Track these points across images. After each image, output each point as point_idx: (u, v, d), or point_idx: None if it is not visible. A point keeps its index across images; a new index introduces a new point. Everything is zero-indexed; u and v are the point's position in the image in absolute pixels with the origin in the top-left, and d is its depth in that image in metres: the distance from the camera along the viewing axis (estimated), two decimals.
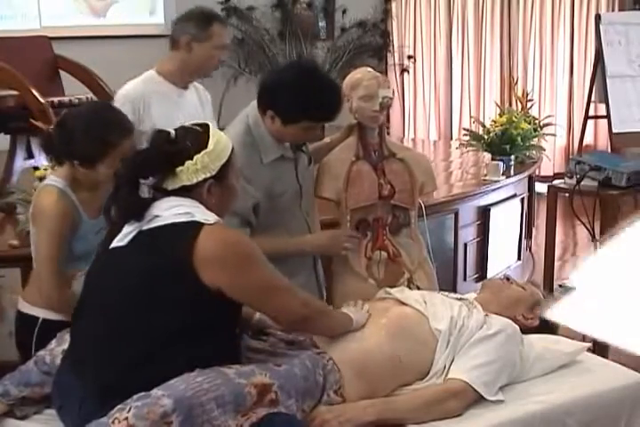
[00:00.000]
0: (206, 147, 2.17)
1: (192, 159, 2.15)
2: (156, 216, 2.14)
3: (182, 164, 2.15)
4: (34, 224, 2.63)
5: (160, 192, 2.18)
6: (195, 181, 2.17)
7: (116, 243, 2.20)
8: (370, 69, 3.00)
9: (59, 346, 2.39)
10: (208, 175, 2.17)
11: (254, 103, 2.79)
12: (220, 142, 2.21)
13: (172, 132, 2.21)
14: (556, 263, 4.70)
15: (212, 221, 2.12)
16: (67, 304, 2.48)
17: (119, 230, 2.20)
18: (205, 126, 2.23)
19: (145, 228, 2.15)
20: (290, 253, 2.82)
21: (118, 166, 2.30)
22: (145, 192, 2.16)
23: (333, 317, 2.43)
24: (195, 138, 2.19)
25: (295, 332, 2.44)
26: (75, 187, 2.61)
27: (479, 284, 3.26)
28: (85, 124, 2.57)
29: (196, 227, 2.09)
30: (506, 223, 5.27)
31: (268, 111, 2.71)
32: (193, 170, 2.16)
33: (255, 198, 2.72)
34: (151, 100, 3.34)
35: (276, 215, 2.80)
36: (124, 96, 3.38)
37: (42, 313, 2.62)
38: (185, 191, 2.17)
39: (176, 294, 2.08)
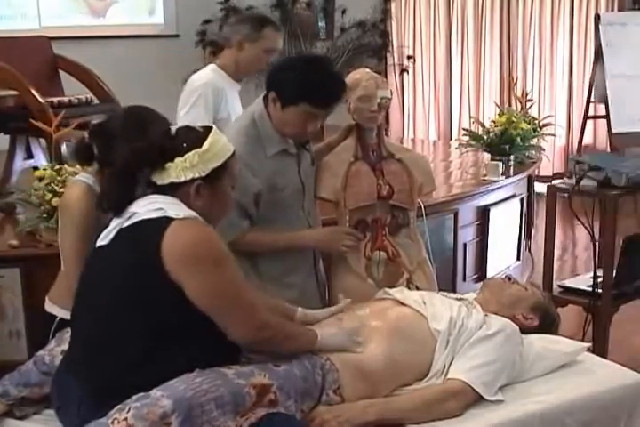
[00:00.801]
0: (200, 147, 2.16)
1: (182, 157, 2.14)
2: (135, 213, 2.14)
3: (172, 160, 2.14)
4: (60, 218, 2.66)
5: (150, 187, 2.18)
6: (182, 179, 2.15)
7: (100, 241, 2.20)
8: (368, 70, 3.00)
9: (58, 346, 2.39)
10: (197, 175, 2.15)
11: (259, 100, 2.83)
12: (217, 145, 2.19)
13: (173, 129, 2.21)
14: (556, 264, 4.69)
15: (182, 216, 2.08)
16: None
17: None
18: (208, 128, 2.22)
19: (124, 225, 2.14)
20: (290, 245, 2.84)
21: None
22: (140, 189, 2.17)
23: (296, 339, 2.28)
24: (192, 137, 2.18)
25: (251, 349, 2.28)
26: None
27: (478, 284, 3.27)
28: (123, 130, 2.54)
29: (165, 222, 2.07)
30: (505, 223, 5.27)
31: (271, 93, 2.75)
32: (182, 167, 2.14)
33: (257, 188, 2.73)
34: (225, 89, 3.62)
35: (277, 211, 2.81)
36: (205, 84, 3.64)
37: (60, 313, 2.62)
38: (174, 189, 2.16)
39: (156, 292, 2.07)
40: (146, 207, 2.13)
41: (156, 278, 2.05)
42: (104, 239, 2.19)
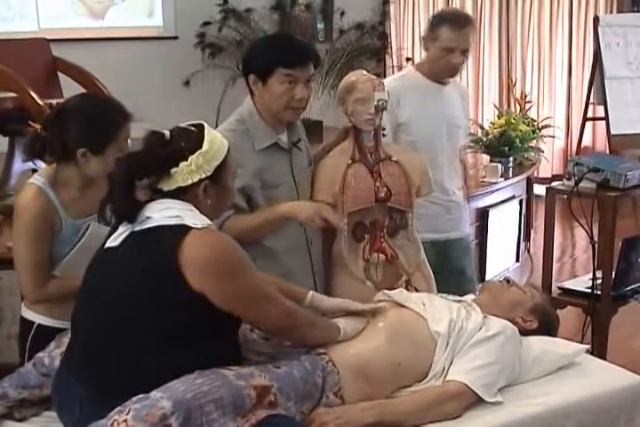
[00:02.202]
0: (201, 147, 2.16)
1: (186, 160, 2.14)
2: (148, 217, 2.13)
3: (177, 165, 2.14)
4: (14, 222, 2.59)
5: (157, 193, 2.17)
6: (190, 182, 2.15)
7: (109, 243, 2.20)
8: (364, 72, 3.00)
9: (57, 348, 2.39)
10: (203, 176, 2.16)
11: (248, 99, 2.86)
12: (215, 142, 2.19)
13: (167, 133, 2.20)
14: (555, 265, 4.69)
15: (199, 226, 2.10)
16: (48, 303, 2.55)
17: (115, 231, 2.21)
18: (200, 126, 2.22)
19: (137, 229, 2.14)
20: (267, 217, 2.74)
21: (112, 166, 2.25)
22: (141, 194, 2.16)
23: (319, 327, 2.37)
24: (189, 138, 2.18)
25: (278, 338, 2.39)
26: (59, 186, 2.55)
27: (478, 286, 3.27)
28: (81, 110, 2.53)
29: (183, 231, 2.08)
30: (504, 225, 5.27)
31: (250, 76, 2.81)
32: (187, 171, 2.14)
33: (245, 180, 2.71)
34: (406, 93, 3.47)
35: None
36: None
37: (37, 318, 2.62)
38: (181, 192, 2.16)
39: (165, 295, 2.07)
40: (161, 213, 2.13)
41: (168, 284, 2.06)
42: (113, 241, 2.19)
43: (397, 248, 3.00)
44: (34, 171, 3.78)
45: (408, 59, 8.40)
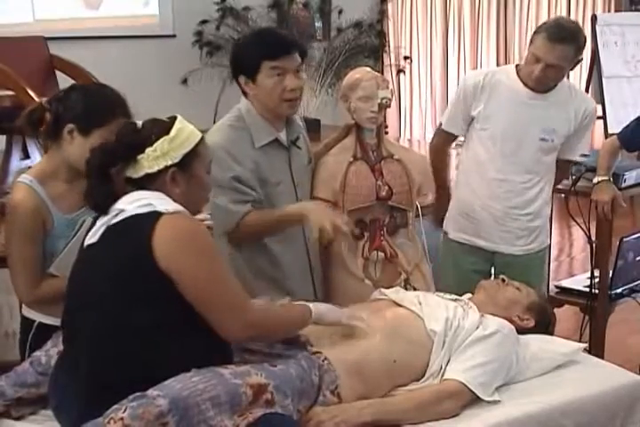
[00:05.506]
0: (168, 134, 2.17)
1: (152, 146, 2.15)
2: (122, 210, 2.14)
3: (143, 151, 2.15)
4: (6, 223, 2.59)
5: (129, 184, 2.18)
6: (156, 168, 2.16)
7: (88, 240, 2.21)
8: (369, 69, 3.00)
9: (54, 347, 2.38)
10: (169, 163, 2.16)
11: (243, 98, 2.86)
12: (184, 131, 2.20)
13: (139, 123, 2.23)
14: (552, 264, 4.70)
15: (171, 211, 2.10)
16: (44, 303, 2.54)
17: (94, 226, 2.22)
18: (174, 118, 2.24)
19: (112, 222, 2.15)
20: (281, 216, 2.75)
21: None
22: (118, 186, 2.17)
23: (288, 325, 2.29)
24: (159, 127, 2.20)
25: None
26: (47, 181, 2.56)
27: None
28: (84, 91, 2.58)
29: (155, 217, 2.08)
30: None
31: (240, 77, 2.80)
32: (153, 157, 2.15)
33: (235, 172, 2.72)
34: (494, 90, 3.32)
35: (271, 208, 2.80)
36: (465, 81, 3.47)
37: (38, 317, 2.61)
38: (150, 180, 2.17)
39: (149, 287, 2.07)
40: (133, 204, 2.14)
41: (148, 273, 2.06)
42: (92, 238, 2.19)
43: (397, 247, 3.00)
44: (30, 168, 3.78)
45: (406, 57, 8.41)
